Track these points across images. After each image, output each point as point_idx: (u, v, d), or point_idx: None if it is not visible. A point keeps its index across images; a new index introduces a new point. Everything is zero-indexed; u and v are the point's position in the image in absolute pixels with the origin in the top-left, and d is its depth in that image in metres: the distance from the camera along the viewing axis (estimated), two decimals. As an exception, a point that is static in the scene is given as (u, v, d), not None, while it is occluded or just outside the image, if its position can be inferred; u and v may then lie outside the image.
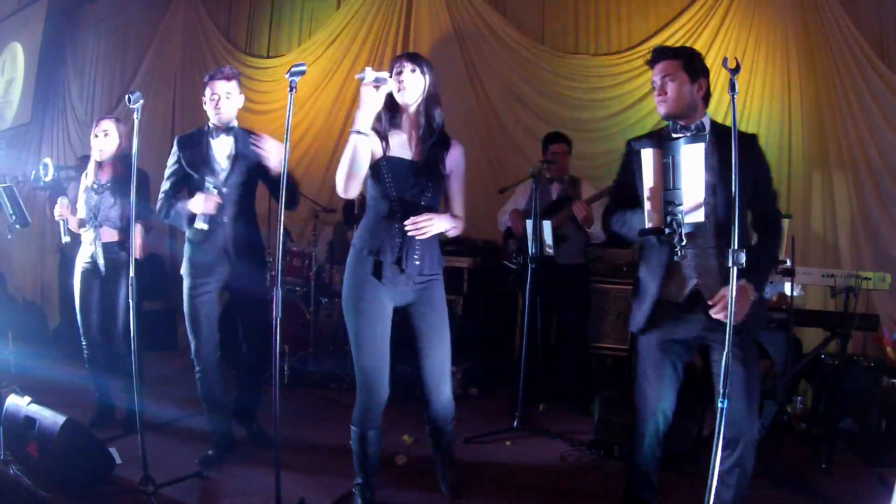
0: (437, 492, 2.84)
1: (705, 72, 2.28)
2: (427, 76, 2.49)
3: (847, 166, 4.49)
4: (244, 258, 3.11)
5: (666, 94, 2.25)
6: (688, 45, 4.80)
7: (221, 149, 3.09)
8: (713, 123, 2.30)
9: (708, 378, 2.39)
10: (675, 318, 2.29)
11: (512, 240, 4.42)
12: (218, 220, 3.04)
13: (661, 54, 2.29)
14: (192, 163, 3.06)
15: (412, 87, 2.46)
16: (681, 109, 2.25)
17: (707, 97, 2.29)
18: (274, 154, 2.96)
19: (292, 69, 2.20)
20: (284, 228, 2.36)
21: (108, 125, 3.51)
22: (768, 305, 3.63)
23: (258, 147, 3.00)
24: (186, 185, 3.12)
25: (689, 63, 2.25)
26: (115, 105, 6.98)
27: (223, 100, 3.04)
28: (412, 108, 2.51)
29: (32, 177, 3.75)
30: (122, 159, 3.53)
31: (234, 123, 3.12)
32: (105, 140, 3.49)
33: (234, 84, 3.08)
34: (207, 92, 3.06)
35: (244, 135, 3.13)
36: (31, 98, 7.62)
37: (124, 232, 3.51)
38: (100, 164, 3.53)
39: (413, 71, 2.46)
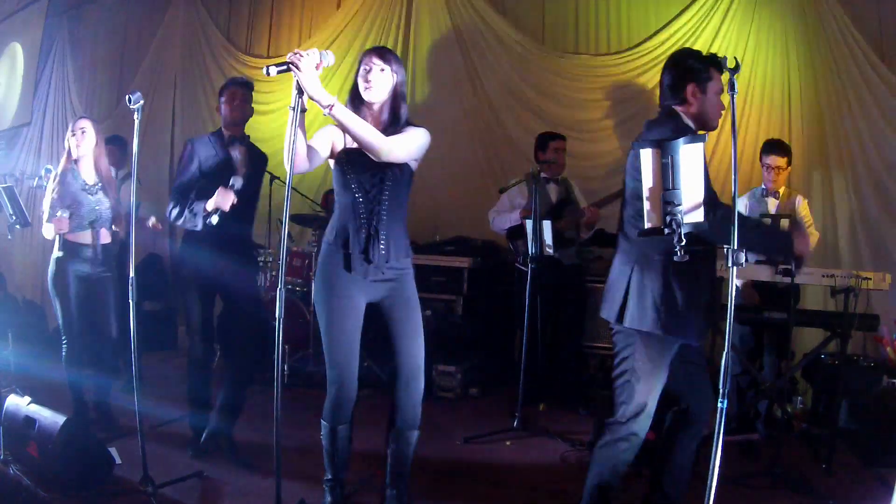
0: (434, 492, 2.84)
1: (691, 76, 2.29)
2: (396, 75, 2.43)
3: (847, 166, 4.48)
4: (239, 257, 3.16)
5: None
6: (688, 45, 4.83)
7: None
8: None
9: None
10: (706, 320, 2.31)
11: (521, 241, 4.40)
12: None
13: None
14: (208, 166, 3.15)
15: (379, 85, 2.40)
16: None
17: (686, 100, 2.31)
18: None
19: (270, 66, 2.13)
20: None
21: (86, 124, 3.52)
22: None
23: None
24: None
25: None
26: (115, 105, 6.97)
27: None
28: (376, 106, 2.44)
29: (35, 183, 3.77)
30: (101, 158, 3.56)
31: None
32: (83, 138, 3.48)
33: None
34: None
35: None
36: (31, 98, 7.61)
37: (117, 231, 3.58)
38: (76, 162, 3.51)
39: (382, 70, 2.40)
